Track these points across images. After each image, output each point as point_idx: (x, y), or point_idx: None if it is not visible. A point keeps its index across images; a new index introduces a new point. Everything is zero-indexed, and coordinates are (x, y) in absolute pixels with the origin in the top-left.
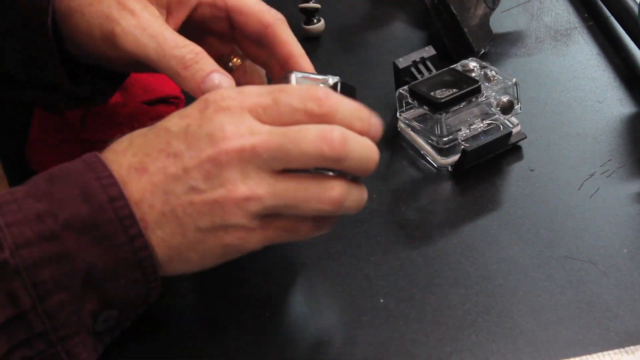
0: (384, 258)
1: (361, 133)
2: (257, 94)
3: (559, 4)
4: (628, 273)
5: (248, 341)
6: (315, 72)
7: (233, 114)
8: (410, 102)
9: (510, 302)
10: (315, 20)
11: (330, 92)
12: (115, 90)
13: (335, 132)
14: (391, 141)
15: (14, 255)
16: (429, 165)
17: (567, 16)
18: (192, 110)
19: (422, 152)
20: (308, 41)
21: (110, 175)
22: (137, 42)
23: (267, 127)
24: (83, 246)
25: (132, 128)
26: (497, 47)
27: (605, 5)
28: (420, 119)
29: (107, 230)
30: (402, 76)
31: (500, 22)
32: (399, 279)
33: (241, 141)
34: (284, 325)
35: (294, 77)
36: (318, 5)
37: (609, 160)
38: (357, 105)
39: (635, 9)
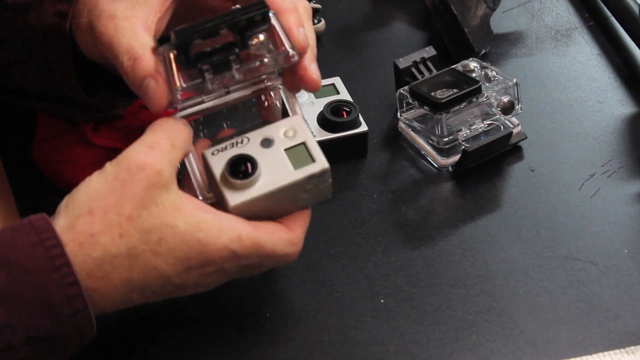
0: (384, 258)
1: None
2: (250, 258)
3: (559, 4)
4: (628, 273)
5: (248, 341)
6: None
7: (224, 272)
8: (411, 102)
9: (511, 302)
10: (315, 21)
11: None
12: (130, 102)
13: None
14: (391, 141)
15: None
16: (429, 166)
17: (568, 16)
18: (196, 264)
19: (422, 153)
20: None
21: (75, 282)
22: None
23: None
24: (38, 353)
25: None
26: (498, 47)
27: (605, 5)
28: (421, 119)
29: (65, 338)
30: (402, 76)
31: (500, 23)
32: (399, 279)
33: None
34: (284, 325)
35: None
36: (318, 6)
37: (610, 160)
38: None
39: (636, 9)
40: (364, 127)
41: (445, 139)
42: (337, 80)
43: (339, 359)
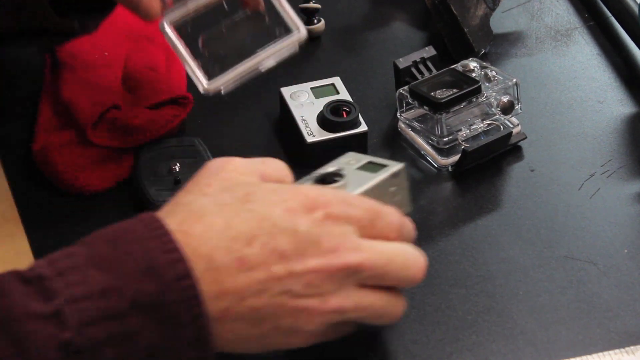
0: None
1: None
2: (358, 207)
3: (559, 4)
4: (628, 273)
5: None
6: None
7: (340, 225)
8: (411, 102)
9: (510, 302)
10: (315, 21)
11: (406, 221)
12: (100, 19)
13: (424, 262)
14: (391, 141)
15: (79, 334)
16: (429, 166)
17: (568, 16)
18: (297, 205)
19: (422, 153)
20: (308, 41)
21: (176, 249)
22: None
23: (367, 244)
24: (147, 326)
25: (144, 138)
26: (498, 47)
27: (605, 5)
28: (421, 119)
29: (172, 310)
30: (402, 76)
31: (500, 22)
32: None
33: (349, 257)
34: None
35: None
36: (318, 6)
37: (610, 160)
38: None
39: (636, 9)
40: (363, 127)
41: (445, 139)
42: (336, 80)
43: (339, 359)
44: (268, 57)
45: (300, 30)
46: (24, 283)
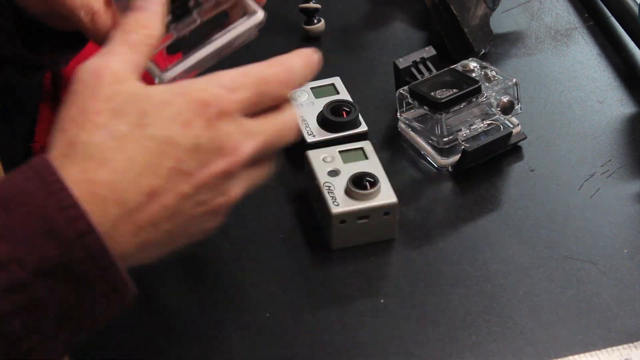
0: (384, 258)
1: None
2: (244, 89)
3: (559, 4)
4: (628, 273)
5: (248, 341)
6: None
7: (233, 119)
8: (411, 102)
9: (510, 302)
10: (315, 20)
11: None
12: (71, 56)
13: (298, 123)
14: (391, 141)
15: None
16: (429, 166)
17: (568, 16)
18: (192, 116)
19: (422, 153)
20: (308, 41)
21: (74, 204)
22: None
23: (256, 126)
24: (55, 290)
25: None
26: (498, 47)
27: (605, 5)
28: (421, 119)
29: (79, 269)
30: (402, 76)
31: (500, 22)
32: (399, 279)
33: (246, 148)
34: (284, 325)
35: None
36: (318, 6)
37: (609, 160)
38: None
39: (635, 9)
40: (363, 127)
41: (445, 139)
42: (336, 80)
43: (339, 359)
44: (225, 42)
45: (258, 13)
46: None
